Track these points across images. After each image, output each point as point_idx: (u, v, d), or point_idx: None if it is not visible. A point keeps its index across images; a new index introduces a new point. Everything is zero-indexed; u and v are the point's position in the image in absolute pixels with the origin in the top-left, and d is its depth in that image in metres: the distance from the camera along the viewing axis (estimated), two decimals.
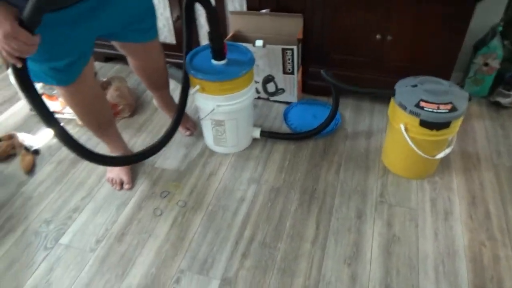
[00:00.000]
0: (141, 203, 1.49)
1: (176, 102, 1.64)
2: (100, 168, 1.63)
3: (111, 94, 1.84)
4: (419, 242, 1.31)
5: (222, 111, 1.52)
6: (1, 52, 0.89)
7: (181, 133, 1.78)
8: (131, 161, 1.54)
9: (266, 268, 1.26)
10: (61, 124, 1.17)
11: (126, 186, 1.54)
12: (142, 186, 1.56)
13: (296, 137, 1.74)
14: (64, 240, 1.37)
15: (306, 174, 1.58)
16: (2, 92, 2.10)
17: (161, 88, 1.70)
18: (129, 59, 1.52)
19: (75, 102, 1.32)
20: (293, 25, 1.76)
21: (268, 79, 1.89)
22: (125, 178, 1.55)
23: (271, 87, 1.92)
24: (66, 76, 1.19)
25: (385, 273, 1.23)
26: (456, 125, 1.37)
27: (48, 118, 1.12)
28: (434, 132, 1.34)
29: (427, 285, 1.20)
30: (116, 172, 1.56)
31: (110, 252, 1.33)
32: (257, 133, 1.71)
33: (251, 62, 1.50)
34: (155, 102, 1.84)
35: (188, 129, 1.79)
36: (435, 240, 1.32)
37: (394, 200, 1.46)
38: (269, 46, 1.76)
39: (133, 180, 1.57)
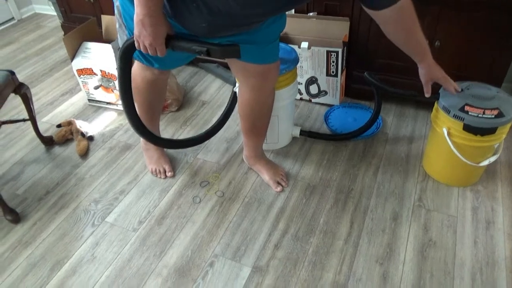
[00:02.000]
0: (182, 191, 1.56)
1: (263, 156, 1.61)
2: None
3: None
4: (456, 248, 1.28)
5: None
6: (139, 40, 1.02)
7: (271, 188, 1.54)
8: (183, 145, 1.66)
9: (297, 260, 1.28)
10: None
11: (168, 174, 1.62)
12: (183, 175, 1.64)
13: (336, 137, 1.75)
14: (110, 218, 1.47)
15: (343, 174, 1.58)
16: (64, 84, 2.29)
17: (259, 134, 1.52)
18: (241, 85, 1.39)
19: (148, 88, 1.40)
20: (339, 28, 1.78)
21: (312, 80, 1.92)
22: (166, 166, 1.63)
23: (313, 88, 1.95)
24: (157, 64, 1.29)
25: (418, 275, 1.21)
26: (503, 132, 1.33)
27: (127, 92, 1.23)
28: (478, 137, 1.31)
29: None
30: (156, 163, 1.64)
31: (150, 232, 1.41)
32: (297, 132, 1.74)
33: (295, 61, 1.54)
34: (245, 156, 1.63)
35: (279, 183, 1.54)
36: (474, 248, 1.28)
37: (432, 205, 1.43)
38: (314, 48, 1.80)
39: (173, 169, 1.65)
